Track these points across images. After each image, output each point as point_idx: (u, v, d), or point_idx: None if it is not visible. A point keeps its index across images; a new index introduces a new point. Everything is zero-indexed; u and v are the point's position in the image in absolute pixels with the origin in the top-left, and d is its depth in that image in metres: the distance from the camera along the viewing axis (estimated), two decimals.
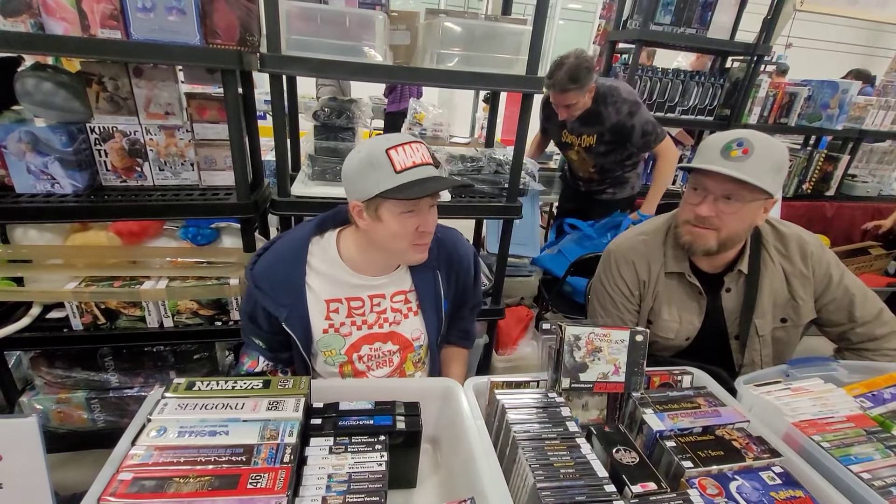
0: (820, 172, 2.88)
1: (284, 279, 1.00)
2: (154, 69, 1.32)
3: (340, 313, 1.04)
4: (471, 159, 1.63)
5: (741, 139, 0.98)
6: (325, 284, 1.02)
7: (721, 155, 0.99)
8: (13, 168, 1.27)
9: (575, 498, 0.66)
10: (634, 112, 1.99)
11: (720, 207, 1.02)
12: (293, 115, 1.79)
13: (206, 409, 0.71)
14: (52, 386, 1.53)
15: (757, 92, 2.50)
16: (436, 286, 1.10)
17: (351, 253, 1.02)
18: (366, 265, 1.03)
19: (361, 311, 1.05)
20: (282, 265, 1.01)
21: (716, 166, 0.98)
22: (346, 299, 1.03)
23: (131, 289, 1.40)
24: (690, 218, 1.07)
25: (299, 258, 1.02)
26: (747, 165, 0.96)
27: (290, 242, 1.04)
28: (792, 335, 1.19)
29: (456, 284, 1.14)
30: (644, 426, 0.83)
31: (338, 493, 0.64)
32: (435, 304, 1.10)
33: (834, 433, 0.82)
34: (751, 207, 1.02)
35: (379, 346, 1.07)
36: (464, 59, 1.40)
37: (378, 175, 0.89)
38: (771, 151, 0.98)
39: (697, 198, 1.05)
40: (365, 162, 0.90)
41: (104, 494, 0.57)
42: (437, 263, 1.10)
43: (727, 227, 1.04)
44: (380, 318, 1.06)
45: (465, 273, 1.14)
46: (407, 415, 0.80)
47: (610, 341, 0.89)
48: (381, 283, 1.05)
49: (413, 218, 0.93)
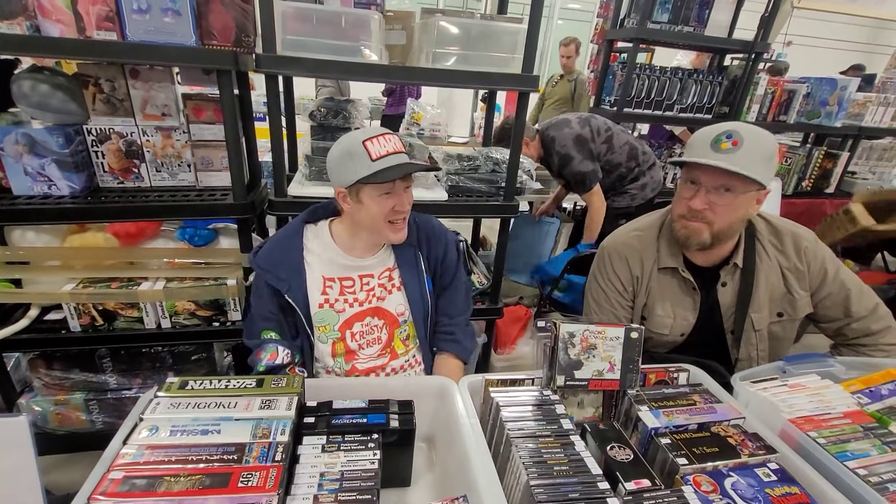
0: (819, 170, 2.87)
1: (284, 258, 1.11)
2: (150, 70, 1.32)
3: (334, 290, 1.13)
4: (468, 158, 1.63)
5: (730, 131, 0.98)
6: (320, 263, 1.13)
7: (711, 148, 0.99)
8: (10, 170, 1.28)
9: (568, 495, 0.66)
10: (565, 165, 2.11)
11: (713, 200, 1.02)
12: (290, 117, 1.79)
13: (198, 407, 0.71)
14: (50, 387, 1.53)
15: (755, 89, 2.49)
16: (417, 263, 1.19)
17: (342, 238, 1.14)
18: (354, 247, 1.13)
19: (352, 289, 1.14)
20: (280, 249, 1.13)
21: (707, 159, 0.98)
22: (339, 279, 1.13)
23: (129, 290, 1.40)
24: (684, 212, 1.07)
25: (296, 240, 1.14)
26: (738, 157, 0.96)
27: (287, 230, 1.17)
28: (788, 330, 1.18)
29: (436, 261, 1.23)
30: (639, 423, 0.82)
31: (329, 492, 0.64)
32: (417, 280, 1.18)
33: (830, 429, 0.82)
34: (744, 199, 1.02)
35: (368, 321, 1.15)
36: (460, 58, 1.40)
37: (356, 164, 1.00)
38: (760, 142, 0.99)
39: (690, 191, 1.05)
40: (345, 153, 1.02)
41: (94, 493, 0.57)
42: (418, 243, 1.20)
43: (720, 220, 1.04)
44: (369, 296, 1.15)
45: (442, 250, 1.23)
46: (401, 413, 0.79)
47: (605, 338, 0.88)
48: (369, 264, 1.15)
49: (390, 199, 1.04)
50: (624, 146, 2.17)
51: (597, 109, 2.67)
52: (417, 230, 1.20)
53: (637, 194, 2.24)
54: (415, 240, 1.19)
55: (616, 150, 2.16)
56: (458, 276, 1.26)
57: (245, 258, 1.46)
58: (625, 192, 2.25)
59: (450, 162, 1.63)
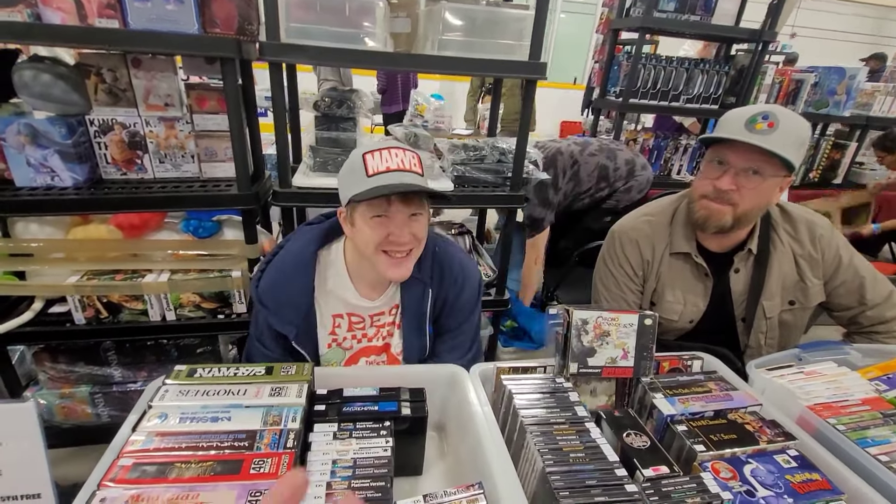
0: (827, 160, 2.85)
1: (292, 298, 0.96)
2: (153, 60, 1.30)
3: (342, 328, 1.03)
4: (473, 148, 1.62)
5: (766, 112, 0.97)
6: (331, 300, 1.01)
7: (745, 128, 0.97)
8: (13, 161, 1.26)
9: (585, 482, 0.65)
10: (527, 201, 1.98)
11: (741, 181, 1.01)
12: (294, 108, 1.78)
13: (207, 395, 0.70)
14: (55, 381, 1.53)
15: (763, 79, 2.47)
16: (422, 303, 1.03)
17: (354, 265, 1.01)
18: (365, 277, 1.01)
19: (361, 325, 1.04)
20: (288, 282, 0.97)
21: (742, 137, 0.96)
22: (348, 314, 1.03)
23: (133, 282, 1.39)
24: (708, 192, 1.05)
25: (307, 274, 0.98)
26: (773, 138, 0.95)
27: (296, 256, 0.99)
28: (799, 318, 1.17)
29: (443, 303, 1.05)
30: (654, 411, 0.81)
31: (343, 479, 0.63)
32: (417, 322, 1.03)
33: (850, 416, 0.80)
34: (770, 184, 1.01)
35: (374, 358, 1.07)
36: (465, 45, 1.38)
37: (352, 179, 0.88)
38: (795, 126, 0.97)
39: (718, 171, 1.03)
40: (347, 167, 0.91)
41: (104, 480, 0.56)
42: (430, 279, 1.02)
43: (745, 202, 1.02)
44: (379, 332, 1.06)
45: (455, 292, 1.04)
46: (412, 401, 0.78)
47: (618, 325, 0.87)
48: (379, 305, 1.04)
49: (383, 225, 0.89)
50: (593, 172, 2.08)
51: (602, 100, 2.65)
52: (432, 263, 1.02)
53: (622, 198, 2.15)
54: (427, 275, 1.01)
55: (584, 179, 2.08)
56: (467, 323, 1.06)
57: (250, 250, 1.45)
58: (604, 209, 2.17)
59: (455, 152, 1.61)
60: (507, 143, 1.64)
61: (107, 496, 0.54)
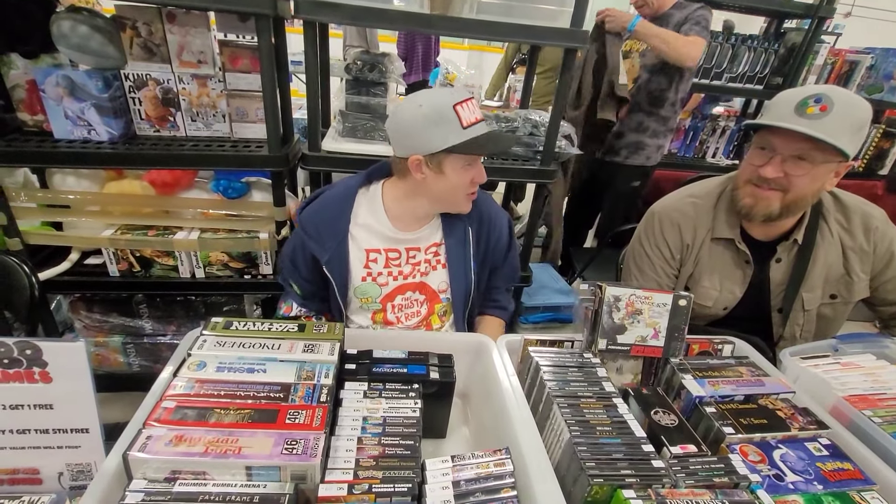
0: (875, 149, 2.69)
1: (330, 224, 1.05)
2: (187, 15, 1.29)
3: (378, 263, 1.08)
4: (506, 119, 1.57)
5: (820, 94, 0.90)
6: (366, 235, 1.07)
7: (795, 112, 0.91)
8: (52, 112, 1.28)
9: (612, 455, 0.65)
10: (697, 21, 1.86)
11: (787, 169, 0.95)
12: (325, 71, 1.75)
13: (243, 347, 0.71)
14: (90, 329, 1.59)
15: (814, 59, 2.32)
16: (465, 241, 1.12)
17: (394, 204, 1.07)
18: (405, 216, 1.08)
19: (398, 262, 1.09)
20: (328, 212, 1.07)
21: (787, 123, 0.91)
22: (385, 250, 1.08)
23: (165, 238, 1.42)
24: (753, 178, 1.00)
25: (346, 207, 1.07)
26: (824, 123, 0.88)
27: (340, 191, 1.09)
28: (839, 313, 1.13)
29: (487, 243, 1.16)
30: (683, 391, 0.80)
31: (373, 435, 0.65)
32: (463, 259, 1.12)
33: (886, 409, 0.78)
34: (821, 170, 0.94)
35: (410, 295, 1.12)
36: (505, 9, 1.32)
37: (445, 130, 0.92)
38: (852, 109, 0.90)
39: (763, 158, 0.98)
40: (430, 117, 0.93)
41: (149, 419, 0.58)
42: (470, 219, 1.12)
43: (795, 189, 0.96)
44: (414, 270, 1.11)
45: (497, 233, 1.16)
46: (441, 366, 0.79)
47: (651, 304, 0.85)
48: (417, 237, 1.10)
49: (471, 170, 1.00)
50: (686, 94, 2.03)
51: None
52: (473, 205, 1.11)
53: (652, 156, 2.09)
54: (467, 216, 1.12)
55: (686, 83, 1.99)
56: (510, 254, 1.22)
57: (278, 212, 1.46)
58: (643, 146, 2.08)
59: (487, 123, 1.57)
60: (540, 116, 1.59)
61: (153, 434, 0.56)
